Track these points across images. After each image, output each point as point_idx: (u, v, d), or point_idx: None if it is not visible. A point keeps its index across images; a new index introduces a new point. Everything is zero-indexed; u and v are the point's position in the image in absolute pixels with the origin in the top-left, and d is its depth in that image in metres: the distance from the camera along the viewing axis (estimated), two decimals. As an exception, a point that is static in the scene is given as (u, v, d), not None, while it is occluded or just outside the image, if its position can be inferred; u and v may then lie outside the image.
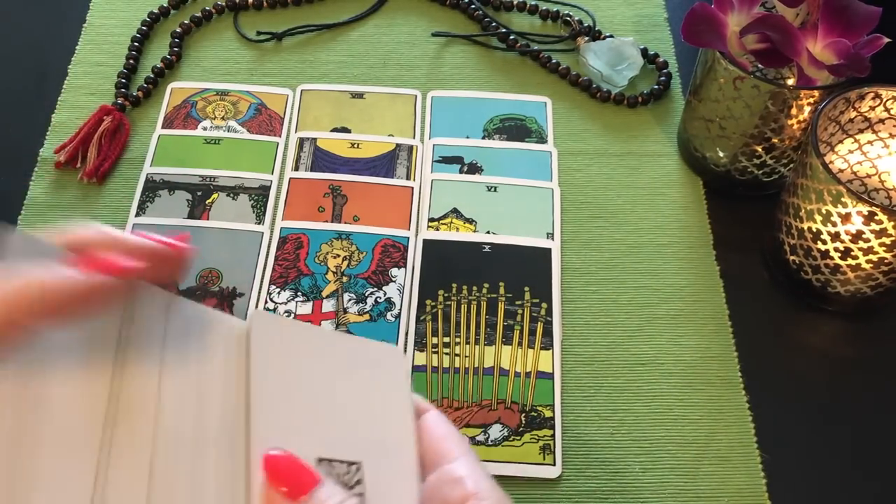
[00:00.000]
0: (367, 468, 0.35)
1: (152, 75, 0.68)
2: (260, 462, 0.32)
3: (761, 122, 0.58)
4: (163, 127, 0.66)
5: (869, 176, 0.60)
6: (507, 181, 0.63)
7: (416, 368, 0.55)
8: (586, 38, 0.71)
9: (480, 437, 0.52)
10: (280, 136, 0.66)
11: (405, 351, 0.55)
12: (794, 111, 0.57)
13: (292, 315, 0.57)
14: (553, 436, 0.52)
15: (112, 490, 0.30)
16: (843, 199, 0.51)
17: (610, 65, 0.69)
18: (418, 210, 0.62)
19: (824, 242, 0.54)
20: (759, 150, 0.60)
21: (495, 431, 0.52)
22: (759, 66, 0.61)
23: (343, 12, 0.74)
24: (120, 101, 0.66)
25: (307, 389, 0.36)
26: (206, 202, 0.62)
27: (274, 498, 0.31)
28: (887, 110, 0.57)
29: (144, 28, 0.71)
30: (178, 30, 0.71)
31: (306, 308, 0.57)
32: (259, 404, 0.34)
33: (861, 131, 0.58)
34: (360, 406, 0.37)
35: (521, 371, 0.55)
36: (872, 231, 0.51)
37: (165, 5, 0.73)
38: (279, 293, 0.58)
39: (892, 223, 0.51)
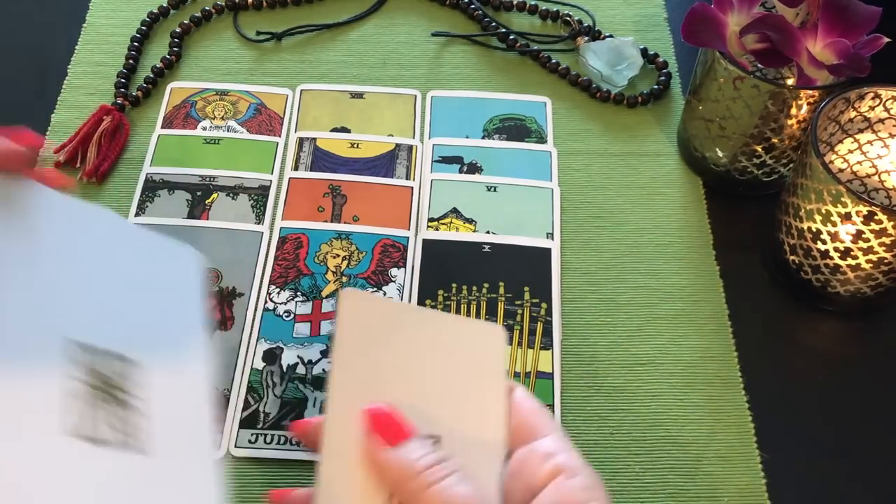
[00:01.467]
0: (448, 443, 0.36)
1: (152, 75, 0.68)
2: (349, 417, 0.35)
3: (761, 122, 0.58)
4: (162, 127, 0.66)
5: (869, 176, 0.60)
6: (506, 181, 0.63)
7: (415, 368, 0.55)
8: (586, 38, 0.71)
9: (480, 437, 0.52)
10: (280, 135, 0.66)
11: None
12: (793, 111, 0.57)
13: (292, 315, 0.57)
14: (553, 436, 0.52)
15: None
16: (842, 199, 0.51)
17: (610, 65, 0.69)
18: (418, 210, 0.62)
19: (824, 242, 0.54)
20: (759, 150, 0.60)
21: (495, 431, 0.52)
22: (759, 66, 0.61)
23: (343, 12, 0.74)
24: (120, 101, 0.66)
25: (392, 366, 0.37)
26: (206, 202, 0.62)
27: (372, 443, 0.35)
28: (887, 110, 0.57)
29: (144, 28, 0.71)
30: (178, 30, 0.71)
31: (306, 308, 0.57)
32: (340, 378, 0.36)
33: (861, 131, 0.58)
34: (449, 383, 0.38)
35: (521, 371, 0.55)
36: (872, 231, 0.51)
37: (165, 5, 0.73)
38: (279, 293, 0.57)
39: (891, 223, 0.51)
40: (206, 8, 0.72)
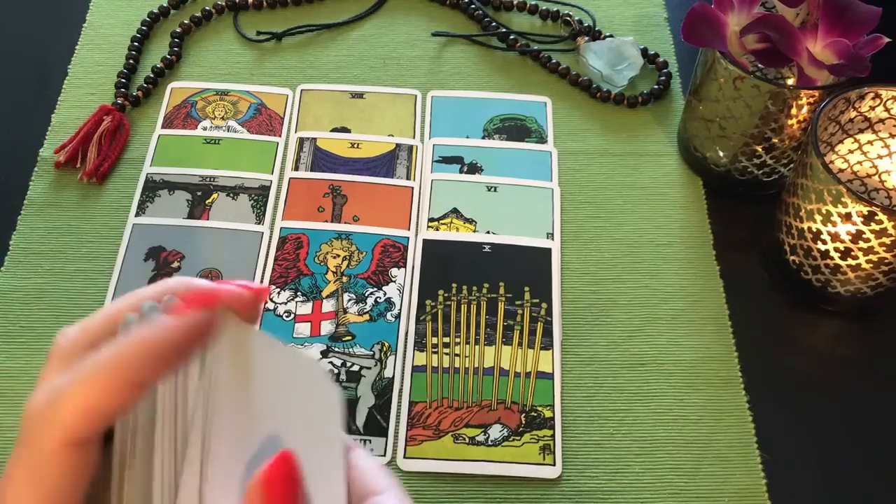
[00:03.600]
0: None
1: (152, 75, 0.68)
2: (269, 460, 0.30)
3: (761, 122, 0.58)
4: (163, 127, 0.66)
5: (869, 176, 0.60)
6: (507, 181, 0.63)
7: (416, 368, 0.55)
8: (586, 38, 0.71)
9: (480, 438, 0.52)
10: (280, 136, 0.66)
11: (405, 351, 0.55)
12: (794, 111, 0.57)
13: (292, 315, 0.57)
14: (553, 436, 0.52)
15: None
16: (843, 199, 0.51)
17: (610, 65, 0.69)
18: (418, 210, 0.62)
19: (824, 242, 0.54)
20: (759, 150, 0.60)
21: (495, 431, 0.52)
22: (759, 66, 0.61)
23: (343, 12, 0.74)
24: (120, 100, 0.66)
25: (254, 409, 0.33)
26: (206, 202, 0.62)
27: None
28: (887, 110, 0.57)
29: (144, 28, 0.71)
30: (178, 30, 0.71)
31: (306, 308, 0.57)
32: (218, 421, 0.31)
33: (861, 131, 0.58)
34: (297, 431, 0.34)
35: (521, 371, 0.55)
36: (872, 231, 0.51)
37: (165, 5, 0.73)
38: (279, 293, 0.57)
39: (892, 223, 0.51)
40: (207, 8, 0.72)
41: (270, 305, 0.57)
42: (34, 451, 0.28)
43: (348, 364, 0.55)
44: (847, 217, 0.52)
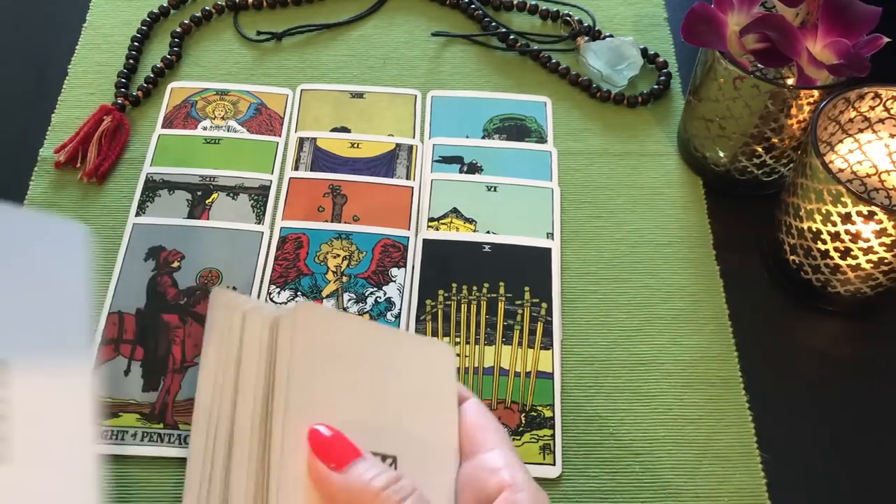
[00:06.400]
0: (404, 463, 0.35)
1: (152, 75, 0.68)
2: (302, 437, 0.34)
3: (761, 122, 0.58)
4: (163, 127, 0.66)
5: (869, 176, 0.60)
6: (506, 181, 0.63)
7: (415, 368, 0.55)
8: (586, 38, 0.71)
9: (480, 437, 0.52)
10: (280, 135, 0.66)
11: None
12: (793, 111, 0.57)
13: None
14: (553, 435, 0.52)
15: None
16: (842, 199, 0.52)
17: (610, 64, 0.69)
18: (418, 210, 0.62)
19: (824, 242, 0.54)
20: (759, 149, 0.60)
21: (495, 431, 0.52)
22: (759, 65, 0.61)
23: (343, 12, 0.74)
24: (120, 100, 0.66)
25: (346, 382, 0.36)
26: (206, 202, 0.62)
27: (318, 468, 0.34)
28: (887, 110, 0.57)
29: (144, 28, 0.71)
30: (178, 30, 0.71)
31: (306, 308, 0.57)
32: (293, 395, 0.34)
33: (861, 131, 0.58)
34: (403, 400, 0.37)
35: (521, 371, 0.55)
36: (872, 231, 0.51)
37: (165, 5, 0.73)
38: (279, 293, 0.58)
39: (892, 223, 0.51)
40: (207, 8, 0.72)
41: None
42: None
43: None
44: (847, 217, 0.52)
